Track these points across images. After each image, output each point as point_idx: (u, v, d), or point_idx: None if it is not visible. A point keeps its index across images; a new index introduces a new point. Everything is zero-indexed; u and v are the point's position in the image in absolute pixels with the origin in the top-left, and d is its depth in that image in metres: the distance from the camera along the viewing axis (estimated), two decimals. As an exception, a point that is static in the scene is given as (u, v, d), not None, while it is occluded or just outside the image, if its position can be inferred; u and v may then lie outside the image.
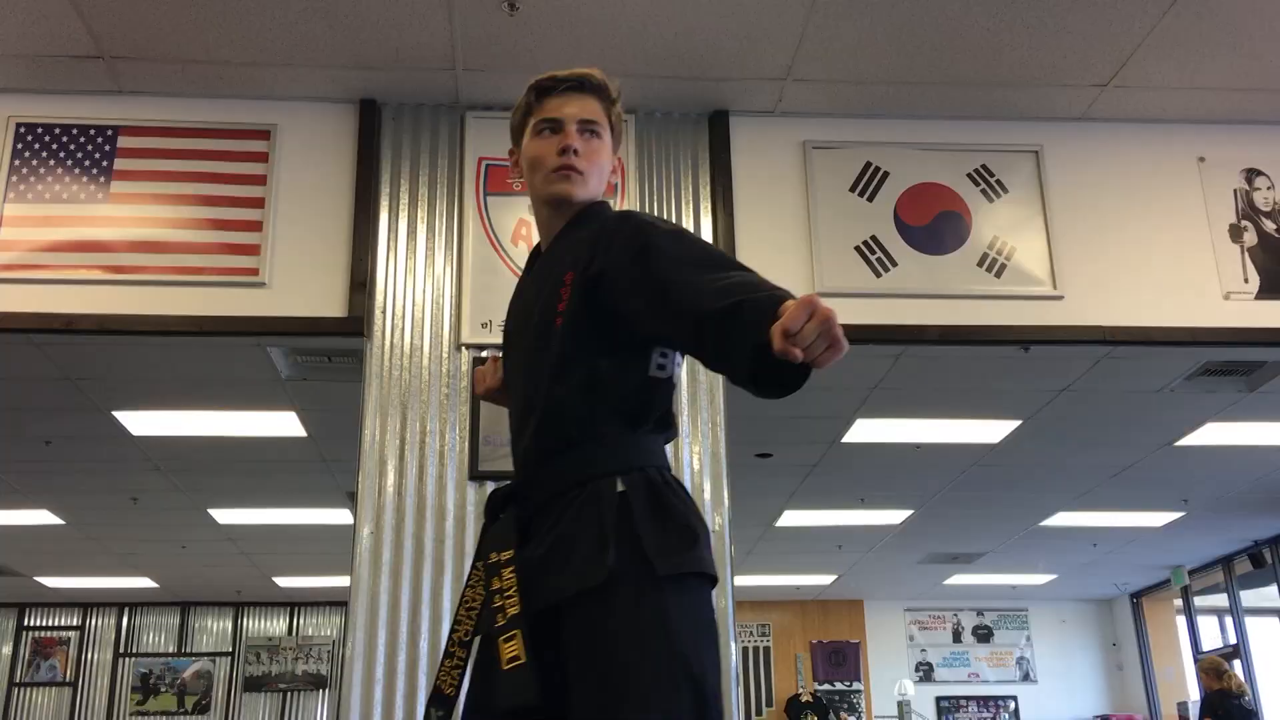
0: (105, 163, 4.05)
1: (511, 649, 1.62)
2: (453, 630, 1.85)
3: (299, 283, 3.98)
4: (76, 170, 4.02)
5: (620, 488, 1.69)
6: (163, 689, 11.99)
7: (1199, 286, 4.23)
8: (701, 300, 1.53)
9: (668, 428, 1.83)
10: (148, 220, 4.00)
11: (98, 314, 3.88)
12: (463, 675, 1.81)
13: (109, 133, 4.08)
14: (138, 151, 4.07)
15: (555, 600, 1.65)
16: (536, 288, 1.89)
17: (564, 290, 1.79)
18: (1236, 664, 10.62)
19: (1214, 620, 11.54)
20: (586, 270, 1.75)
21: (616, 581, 1.61)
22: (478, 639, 1.79)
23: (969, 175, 4.31)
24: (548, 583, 1.67)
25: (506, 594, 1.68)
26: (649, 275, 1.64)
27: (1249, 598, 10.71)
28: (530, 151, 1.92)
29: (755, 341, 1.42)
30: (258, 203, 4.04)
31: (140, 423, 6.29)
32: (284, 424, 6.30)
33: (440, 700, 1.82)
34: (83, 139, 4.07)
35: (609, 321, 1.73)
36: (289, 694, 12.06)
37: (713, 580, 1.72)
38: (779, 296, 1.45)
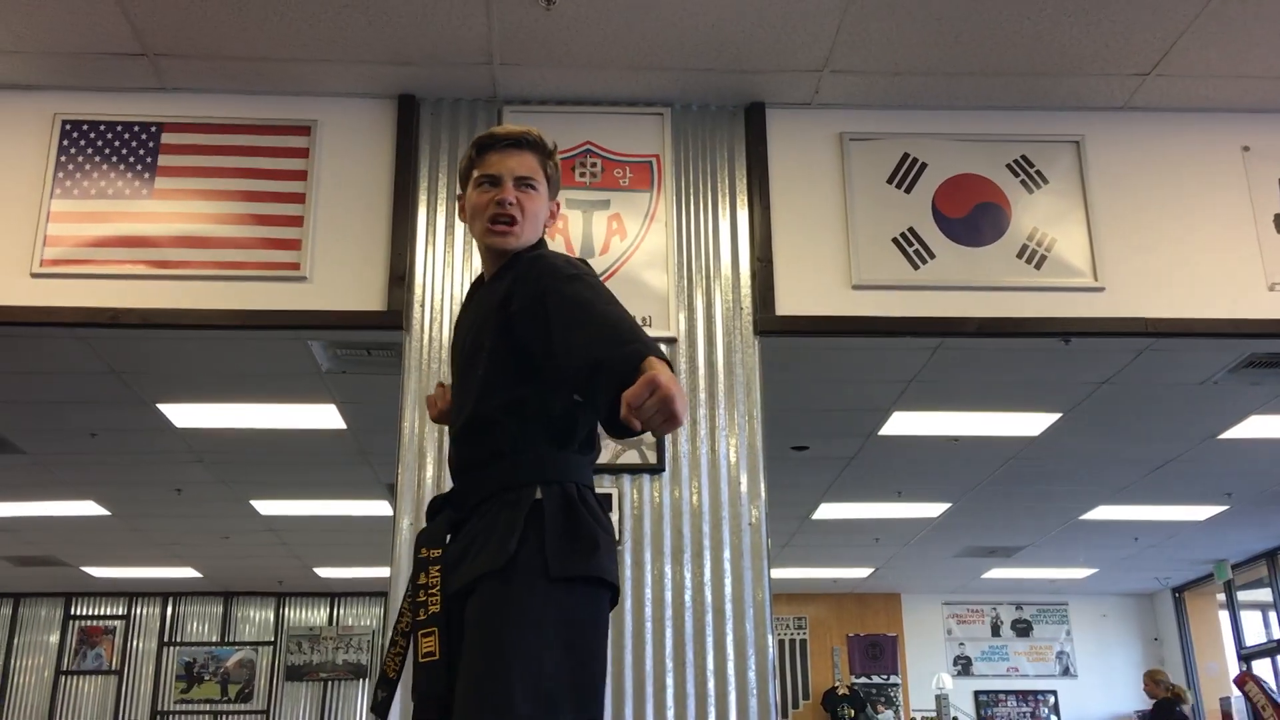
0: (149, 159, 4.11)
1: (428, 644, 1.84)
2: (397, 621, 2.05)
3: (339, 277, 4.02)
4: (121, 166, 4.08)
5: (538, 495, 1.90)
6: (206, 677, 12.16)
7: (1243, 278, 4.18)
8: (573, 356, 1.81)
9: (591, 448, 2.05)
10: (191, 216, 4.05)
11: (142, 308, 3.94)
12: (403, 661, 2.03)
13: (153, 129, 4.14)
14: (181, 148, 4.13)
15: (465, 583, 1.86)
16: (472, 318, 2.14)
17: (493, 321, 2.02)
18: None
19: (1258, 615, 11.39)
20: (507, 307, 1.99)
21: (514, 569, 1.82)
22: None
23: (1008, 166, 4.27)
24: (461, 570, 1.89)
25: (430, 590, 1.89)
26: (543, 322, 1.90)
27: (1294, 592, 10.56)
28: (471, 201, 2.14)
29: (608, 400, 1.70)
30: (298, 198, 4.09)
31: (184, 415, 6.38)
32: (324, 416, 6.36)
33: (385, 683, 2.03)
34: (127, 135, 4.13)
35: (526, 352, 1.95)
36: (329, 683, 12.19)
37: (611, 586, 1.93)
38: (636, 358, 1.68)
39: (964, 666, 12.99)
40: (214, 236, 4.02)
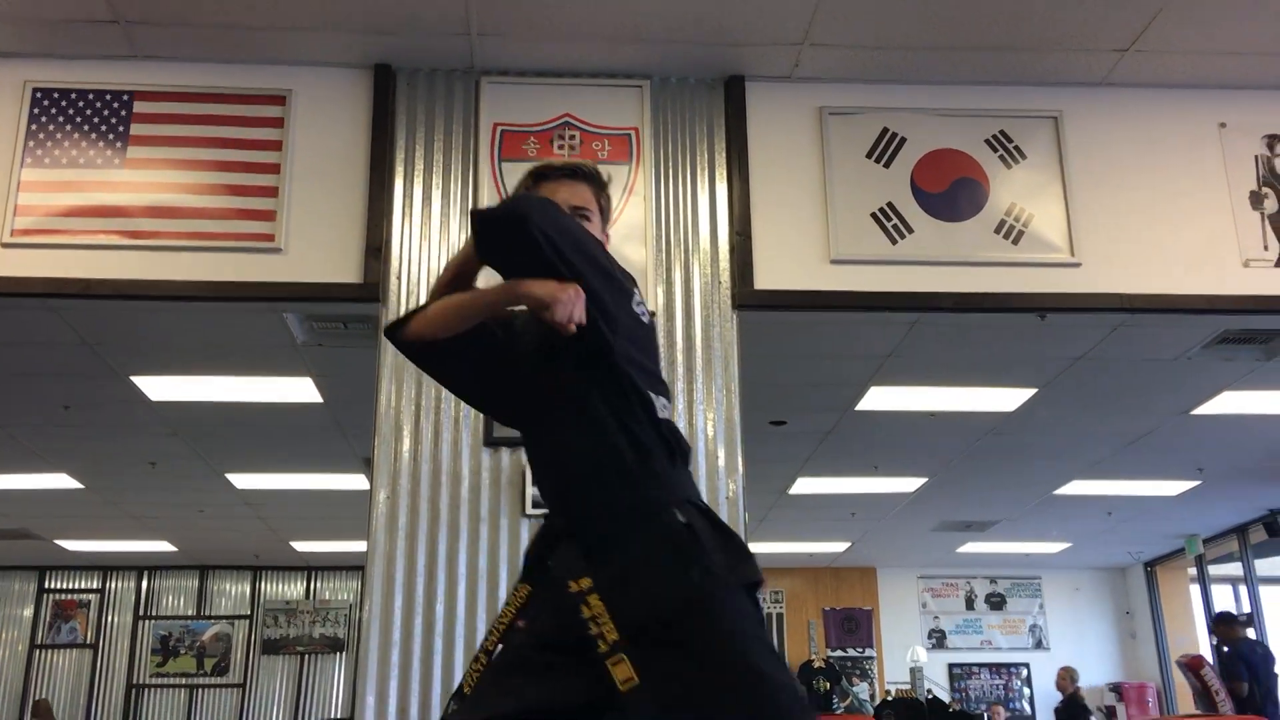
0: (121, 128, 4.06)
1: (624, 671, 1.79)
2: (485, 639, 2.04)
3: (314, 248, 3.99)
4: (93, 135, 4.03)
5: (681, 519, 1.91)
6: (182, 651, 12.14)
7: (1218, 254, 4.20)
8: None
9: (687, 460, 2.07)
10: (164, 185, 4.00)
11: (114, 279, 3.89)
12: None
13: (125, 98, 4.08)
14: (154, 117, 4.08)
15: (643, 619, 1.83)
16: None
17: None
18: (1250, 632, 10.65)
19: (1228, 589, 11.54)
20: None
21: (705, 597, 1.84)
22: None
23: (987, 141, 4.27)
24: (628, 604, 1.84)
25: (600, 621, 1.83)
26: None
27: (1263, 566, 10.71)
28: None
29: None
30: (273, 168, 4.04)
31: (158, 388, 6.33)
32: (300, 390, 6.33)
33: (458, 695, 1.98)
34: (99, 104, 4.07)
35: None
36: (306, 657, 12.20)
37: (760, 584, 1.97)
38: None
39: (938, 640, 13.12)
40: (187, 207, 3.98)
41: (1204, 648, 11.51)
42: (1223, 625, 8.56)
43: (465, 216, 4.05)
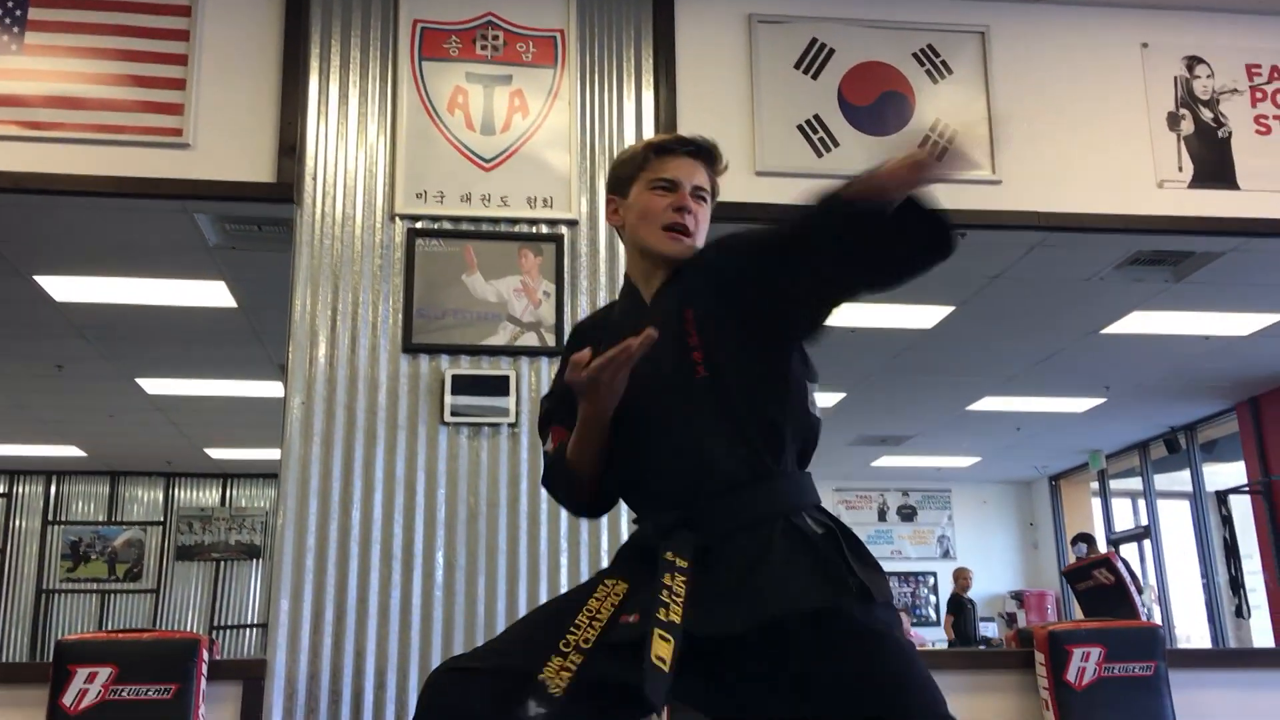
0: (19, 11, 3.85)
1: (664, 649, 1.68)
2: (569, 632, 1.81)
3: (225, 145, 3.85)
4: (-14, 19, 3.81)
5: (817, 528, 1.82)
6: (93, 556, 11.98)
7: (1134, 174, 4.26)
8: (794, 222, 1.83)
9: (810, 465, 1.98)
10: (65, 75, 3.82)
11: (12, 171, 3.72)
12: (574, 681, 1.76)
13: (20, -20, 3.87)
14: (54, 1, 3.87)
15: (780, 614, 1.72)
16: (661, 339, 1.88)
17: (690, 330, 1.90)
18: (1147, 544, 11.10)
19: (1127, 503, 11.99)
20: (706, 299, 1.91)
21: (866, 602, 1.76)
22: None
23: (914, 55, 4.25)
24: (762, 602, 1.73)
25: (676, 597, 1.73)
26: (749, 247, 1.91)
27: (1161, 481, 11.12)
28: (643, 203, 2.03)
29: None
30: (181, 59, 3.87)
31: (63, 288, 6.13)
32: (213, 294, 6.18)
33: (545, 699, 1.75)
34: (-8, -14, 3.85)
35: (755, 348, 1.88)
36: (222, 563, 12.12)
37: None
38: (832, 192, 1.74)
39: (850, 549, 13.46)
40: (89, 98, 3.80)
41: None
42: (1087, 543, 8.96)
43: (383, 117, 3.94)
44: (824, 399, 9.45)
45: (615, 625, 1.80)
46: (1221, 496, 9.33)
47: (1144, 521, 11.36)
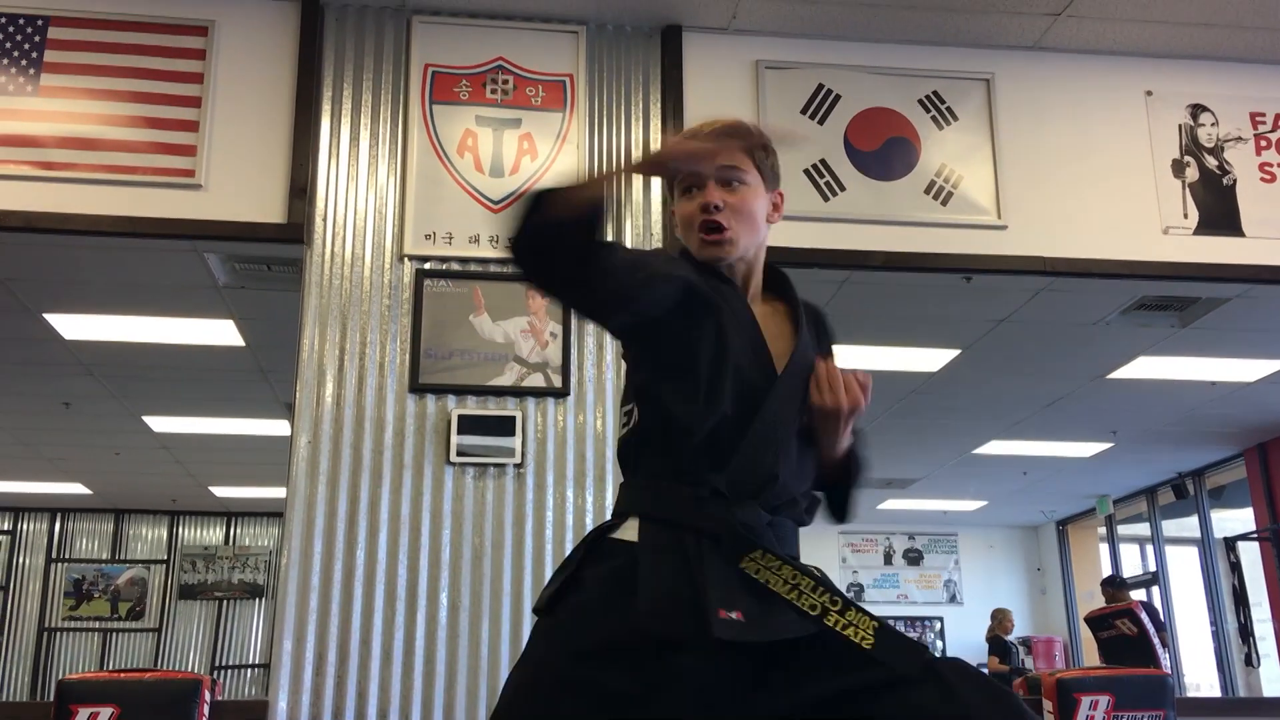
0: (35, 54, 3.90)
1: (866, 623, 1.59)
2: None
3: (237, 186, 3.89)
4: (4, 61, 3.87)
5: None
6: (96, 595, 11.92)
7: (1139, 221, 4.28)
8: None
9: None
10: (79, 116, 3.86)
11: (26, 211, 3.76)
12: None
13: (39, 23, 3.92)
14: (70, 44, 3.93)
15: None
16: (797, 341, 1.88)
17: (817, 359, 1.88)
18: (1155, 590, 11.02)
19: (1135, 548, 11.91)
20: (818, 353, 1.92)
21: None
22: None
23: (920, 101, 4.29)
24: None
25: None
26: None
27: (1170, 527, 11.05)
28: (681, 211, 1.85)
29: None
30: (194, 101, 3.92)
31: (73, 326, 6.16)
32: (221, 332, 6.20)
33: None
34: (11, 28, 3.91)
35: None
36: (225, 602, 12.06)
37: None
38: None
39: (856, 593, 13.36)
40: (103, 138, 3.85)
41: (1110, 604, 11.90)
42: (1115, 589, 8.79)
43: (394, 159, 3.98)
44: (830, 442, 9.43)
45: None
46: (1230, 543, 9.26)
47: (1152, 567, 11.27)
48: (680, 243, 1.88)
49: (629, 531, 1.67)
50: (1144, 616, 7.42)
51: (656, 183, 4.05)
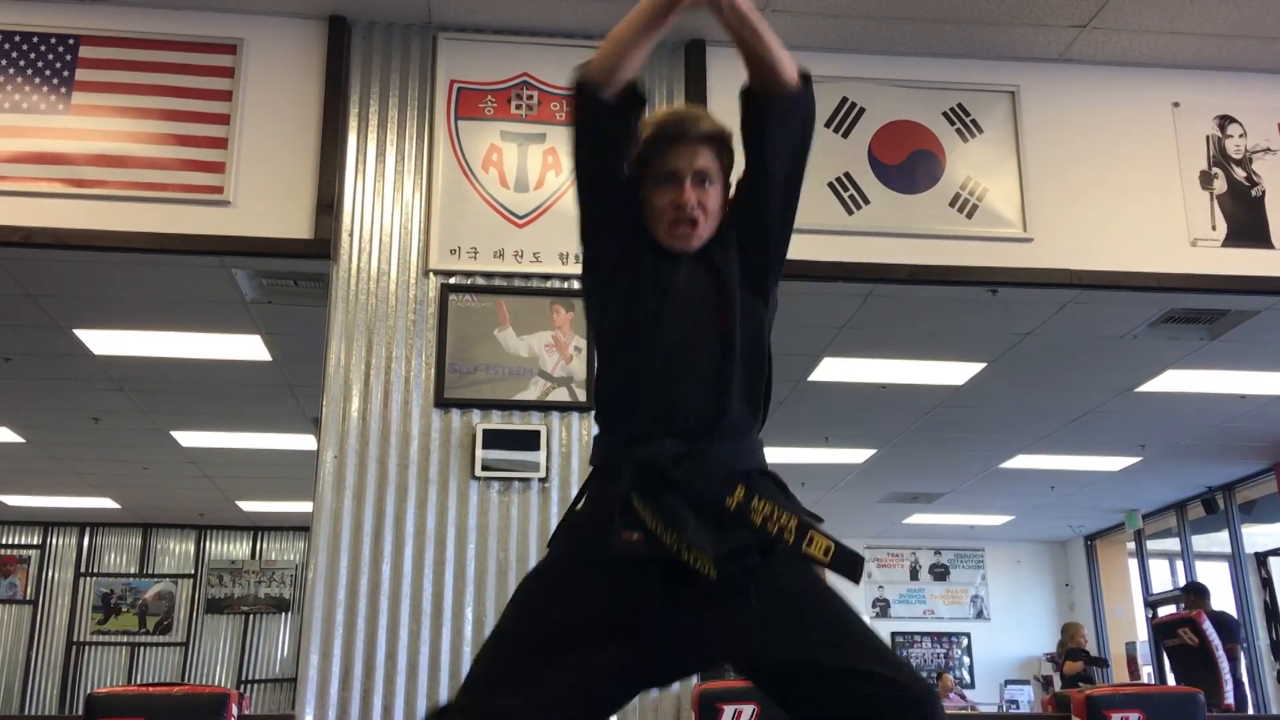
0: (66, 73, 3.95)
1: (822, 541, 1.83)
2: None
3: (264, 203, 3.92)
4: (36, 80, 3.92)
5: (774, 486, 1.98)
6: (124, 609, 12.00)
7: (1167, 233, 4.25)
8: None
9: None
10: (109, 134, 3.91)
11: (57, 228, 3.81)
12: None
13: (70, 42, 3.98)
14: (100, 62, 3.98)
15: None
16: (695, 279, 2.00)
17: (721, 288, 2.00)
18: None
19: (1165, 563, 11.78)
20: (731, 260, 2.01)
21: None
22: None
23: (944, 114, 4.28)
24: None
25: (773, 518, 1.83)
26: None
27: (1200, 542, 10.93)
28: (651, 200, 2.01)
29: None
30: (223, 119, 3.96)
31: (102, 342, 6.22)
32: (248, 347, 6.24)
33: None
34: (43, 47, 3.96)
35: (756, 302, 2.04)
36: (251, 616, 12.11)
37: None
38: None
39: (882, 608, 13.29)
40: (133, 156, 3.89)
41: (1139, 621, 11.78)
42: (1194, 595, 8.43)
43: (419, 175, 4.00)
44: (854, 455, 9.38)
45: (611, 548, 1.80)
46: (1261, 558, 9.15)
47: (1182, 583, 11.14)
48: None
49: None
50: (1206, 626, 7.14)
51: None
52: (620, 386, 1.95)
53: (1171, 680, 7.77)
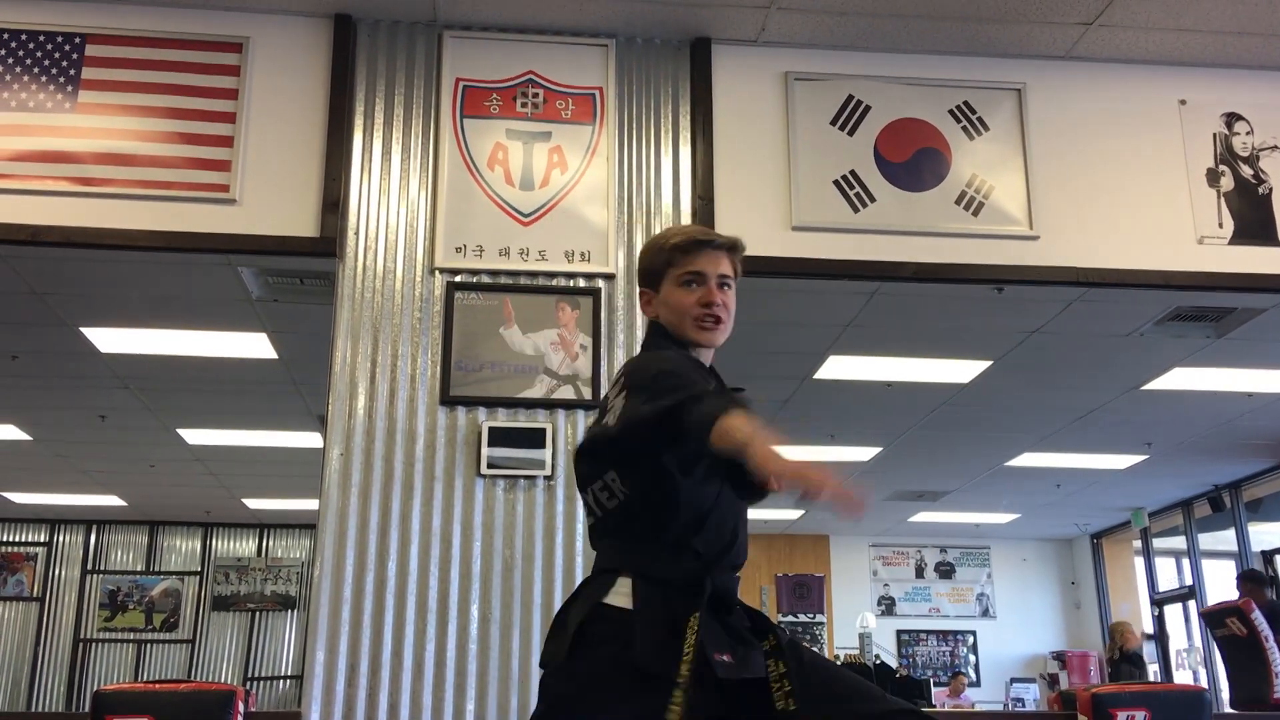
0: (73, 71, 3.96)
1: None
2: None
3: (270, 201, 3.93)
4: (43, 78, 3.93)
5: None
6: (131, 606, 12.03)
7: (1174, 230, 4.24)
8: None
9: None
10: (115, 132, 3.92)
11: (63, 226, 3.82)
12: None
13: (77, 40, 3.98)
14: (106, 61, 3.98)
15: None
16: None
17: None
18: (1192, 604, 10.87)
19: (1171, 562, 11.76)
20: None
21: None
22: None
23: (950, 112, 4.28)
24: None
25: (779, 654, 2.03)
26: None
27: (1206, 540, 10.91)
28: (675, 299, 2.18)
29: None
30: (229, 117, 3.97)
31: (109, 340, 6.23)
32: (255, 345, 6.25)
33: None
34: (50, 46, 3.97)
35: None
36: (257, 613, 12.13)
37: None
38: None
39: (887, 607, 13.28)
40: (139, 154, 3.90)
41: (1145, 619, 11.76)
42: (1251, 584, 8.22)
43: (425, 173, 4.01)
44: (860, 453, 9.35)
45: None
46: (1268, 556, 9.12)
47: (1188, 581, 11.13)
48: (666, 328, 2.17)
49: (622, 593, 1.98)
50: (1255, 616, 7.01)
51: (685, 196, 4.06)
52: (689, 509, 2.06)
53: (1223, 673, 7.65)
